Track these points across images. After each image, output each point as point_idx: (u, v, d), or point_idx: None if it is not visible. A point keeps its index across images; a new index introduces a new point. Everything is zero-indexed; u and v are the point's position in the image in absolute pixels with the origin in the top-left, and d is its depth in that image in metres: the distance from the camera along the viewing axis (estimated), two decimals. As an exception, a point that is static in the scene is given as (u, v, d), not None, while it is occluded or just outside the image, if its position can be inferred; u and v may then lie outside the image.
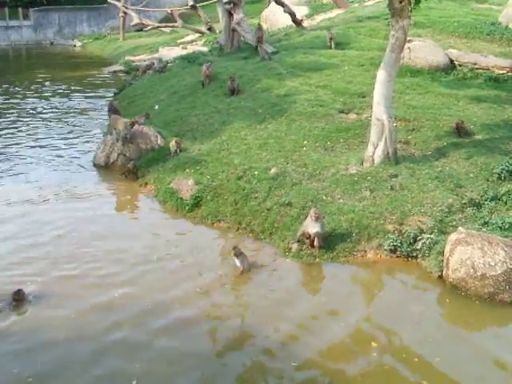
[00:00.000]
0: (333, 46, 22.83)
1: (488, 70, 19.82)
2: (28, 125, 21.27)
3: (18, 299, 9.31)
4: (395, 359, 8.12)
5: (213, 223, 12.57)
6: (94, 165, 16.46)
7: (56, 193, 14.31)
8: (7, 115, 22.92)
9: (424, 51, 20.33)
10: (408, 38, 14.79)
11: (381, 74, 13.32)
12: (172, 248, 11.50)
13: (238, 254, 10.43)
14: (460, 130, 14.65)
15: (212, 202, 12.95)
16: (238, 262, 10.43)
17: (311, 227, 10.83)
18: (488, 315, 9.28)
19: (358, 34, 24.99)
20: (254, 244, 11.66)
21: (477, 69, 19.95)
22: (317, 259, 10.86)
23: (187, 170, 14.12)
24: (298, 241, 11.12)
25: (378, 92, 13.35)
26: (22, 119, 22.18)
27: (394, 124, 13.97)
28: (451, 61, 20.43)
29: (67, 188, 14.62)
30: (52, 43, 50.68)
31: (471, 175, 12.87)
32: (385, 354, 8.22)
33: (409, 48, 19.68)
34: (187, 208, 13.09)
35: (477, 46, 22.41)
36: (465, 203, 11.75)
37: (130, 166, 15.40)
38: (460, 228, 10.35)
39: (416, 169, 13.03)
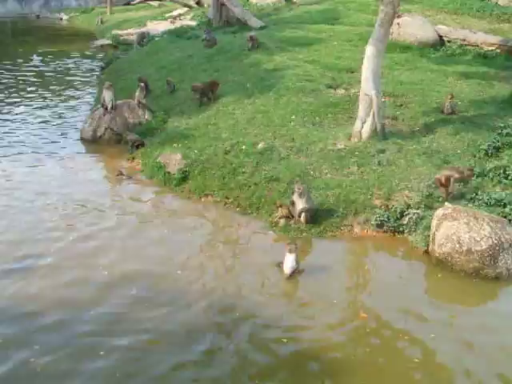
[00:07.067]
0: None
1: (477, 46, 19.87)
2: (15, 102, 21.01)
3: None
4: (382, 333, 8.19)
5: (200, 197, 12.52)
6: (81, 139, 16.30)
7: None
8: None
9: (413, 27, 20.33)
10: (397, 13, 14.72)
11: (369, 49, 13.28)
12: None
13: (293, 251, 9.42)
14: None
15: (199, 176, 12.90)
16: (290, 261, 9.42)
17: (298, 203, 10.89)
18: (472, 290, 9.35)
19: (348, 10, 24.90)
20: (241, 218, 11.67)
21: (466, 45, 20.02)
22: (303, 234, 10.88)
23: (175, 145, 14.04)
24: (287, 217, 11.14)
25: (367, 67, 13.31)
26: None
27: (382, 99, 13.96)
28: (440, 37, 20.44)
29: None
30: (38, 16, 49.65)
31: (458, 151, 12.89)
32: (373, 326, 8.29)
33: (398, 23, 19.66)
34: (174, 182, 13.04)
35: (466, 23, 22.43)
36: (451, 179, 11.76)
37: (138, 138, 15.01)
38: (446, 203, 10.40)
39: (403, 144, 13.05)
